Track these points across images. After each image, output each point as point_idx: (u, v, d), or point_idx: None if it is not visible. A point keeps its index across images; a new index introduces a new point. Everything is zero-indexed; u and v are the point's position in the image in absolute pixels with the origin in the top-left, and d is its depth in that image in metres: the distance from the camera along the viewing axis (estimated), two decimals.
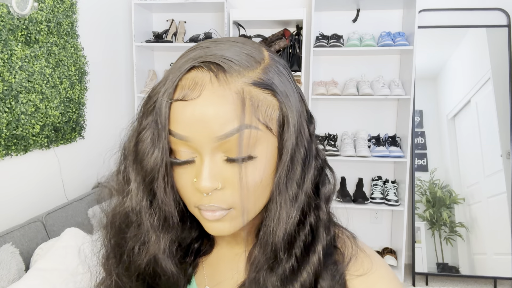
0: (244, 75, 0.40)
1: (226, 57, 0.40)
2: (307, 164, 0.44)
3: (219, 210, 0.41)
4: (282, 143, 0.42)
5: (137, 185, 0.43)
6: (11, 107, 1.68)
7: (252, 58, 0.42)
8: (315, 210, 0.45)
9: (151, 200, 0.43)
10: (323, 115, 2.85)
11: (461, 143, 2.64)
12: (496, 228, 2.54)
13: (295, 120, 0.42)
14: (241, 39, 0.45)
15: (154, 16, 2.96)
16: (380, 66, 2.75)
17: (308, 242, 0.44)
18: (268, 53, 0.45)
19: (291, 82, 0.45)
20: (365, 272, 0.45)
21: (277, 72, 0.43)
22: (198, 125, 0.39)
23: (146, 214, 0.43)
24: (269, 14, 2.59)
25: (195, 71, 0.40)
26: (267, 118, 0.41)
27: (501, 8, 2.60)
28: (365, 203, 2.65)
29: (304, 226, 0.44)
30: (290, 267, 0.43)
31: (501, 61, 2.59)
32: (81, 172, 2.25)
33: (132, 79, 2.79)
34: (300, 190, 0.43)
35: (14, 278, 1.31)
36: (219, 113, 0.38)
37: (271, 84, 0.41)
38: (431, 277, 2.65)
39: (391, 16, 2.71)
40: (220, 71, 0.40)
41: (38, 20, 1.84)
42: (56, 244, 1.46)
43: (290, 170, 0.42)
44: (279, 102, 0.42)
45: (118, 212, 0.46)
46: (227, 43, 0.43)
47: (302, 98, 0.47)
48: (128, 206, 0.44)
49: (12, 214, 1.73)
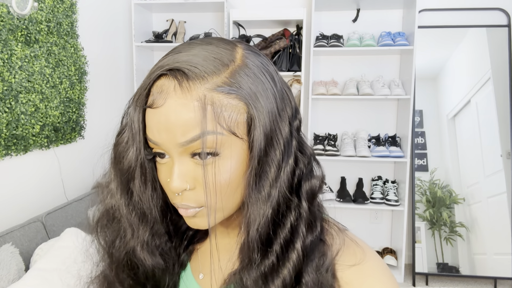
0: (207, 81, 0.41)
1: (192, 63, 0.41)
2: (282, 163, 0.44)
3: (190, 208, 0.44)
4: (251, 144, 0.43)
5: (116, 184, 0.47)
6: (11, 107, 1.68)
7: (220, 61, 0.42)
8: (296, 208, 0.45)
9: (129, 197, 0.47)
10: (323, 115, 2.85)
11: (461, 143, 2.64)
12: (496, 228, 2.54)
13: (265, 122, 0.43)
14: (216, 41, 0.46)
15: (154, 16, 2.96)
16: (380, 66, 2.75)
17: (288, 240, 0.44)
18: (243, 53, 0.45)
19: (265, 82, 0.44)
20: (357, 263, 0.46)
21: (247, 73, 0.43)
22: (163, 132, 0.42)
23: (124, 210, 0.47)
24: (269, 14, 2.59)
25: (164, 78, 0.43)
26: (231, 123, 0.42)
27: (501, 8, 2.60)
28: (365, 203, 2.65)
29: (284, 224, 0.44)
30: (270, 263, 0.44)
31: (501, 61, 2.59)
32: (81, 172, 2.24)
33: (132, 79, 2.79)
34: (274, 189, 0.43)
35: (14, 278, 1.31)
36: (180, 121, 0.41)
37: (236, 88, 0.42)
38: (431, 277, 2.65)
39: (391, 16, 2.71)
40: (184, 79, 0.41)
41: (38, 20, 1.84)
42: (56, 244, 1.46)
43: (261, 171, 0.43)
44: (246, 104, 0.42)
45: (102, 209, 0.50)
46: (197, 47, 0.44)
47: (284, 96, 0.47)
48: (109, 203, 0.48)
49: (12, 214, 1.73)
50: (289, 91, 0.48)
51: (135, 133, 0.44)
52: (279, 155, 0.44)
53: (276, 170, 0.43)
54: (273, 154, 0.43)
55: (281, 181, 0.44)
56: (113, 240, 0.49)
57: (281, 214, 0.45)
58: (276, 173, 0.44)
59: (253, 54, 0.46)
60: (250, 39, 2.63)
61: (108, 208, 0.49)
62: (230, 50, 0.44)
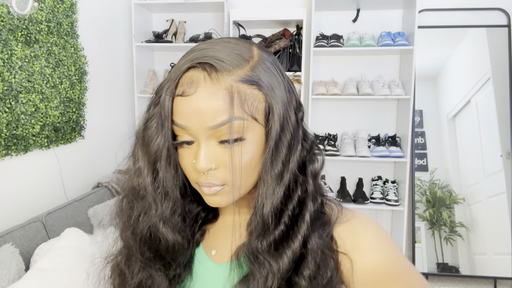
0: (233, 73, 0.47)
1: (218, 57, 0.47)
2: (292, 147, 0.51)
3: (214, 186, 0.50)
4: (268, 129, 0.49)
5: (144, 164, 0.52)
6: (11, 107, 1.68)
7: (242, 57, 0.49)
8: (302, 185, 0.52)
9: (154, 176, 0.52)
10: (323, 115, 2.85)
11: (461, 143, 2.64)
12: (496, 228, 2.54)
13: (280, 110, 0.49)
14: (234, 40, 0.52)
15: (154, 16, 2.96)
16: (380, 66, 2.75)
17: (297, 212, 0.51)
18: (258, 51, 0.51)
19: (278, 76, 0.51)
20: (348, 220, 0.54)
21: (264, 68, 0.50)
22: (194, 117, 0.47)
23: (149, 187, 0.52)
24: (269, 14, 2.59)
25: (192, 70, 0.48)
26: (253, 110, 0.48)
27: (501, 8, 2.60)
28: (365, 203, 2.65)
29: (292, 199, 0.51)
30: (280, 233, 0.50)
31: (501, 61, 2.59)
32: (81, 172, 2.24)
33: (132, 79, 2.79)
34: (285, 169, 0.50)
35: (14, 278, 1.31)
36: (211, 107, 0.46)
37: (257, 80, 0.48)
38: (431, 277, 2.65)
39: (391, 16, 2.71)
40: (212, 71, 0.47)
41: (38, 20, 1.84)
42: (56, 244, 1.46)
43: (275, 152, 0.49)
44: (265, 95, 0.49)
45: (128, 186, 0.55)
46: (221, 44, 0.50)
47: (290, 88, 0.54)
48: (136, 181, 0.53)
49: (12, 214, 1.73)
50: (293, 86, 0.55)
51: (164, 118, 0.49)
52: (290, 139, 0.51)
53: (287, 152, 0.50)
54: (284, 139, 0.50)
55: (292, 162, 0.51)
56: (137, 215, 0.54)
57: (291, 189, 0.51)
58: (288, 155, 0.50)
59: (265, 52, 0.53)
60: (250, 39, 2.63)
61: (135, 186, 0.54)
62: (248, 48, 0.51)
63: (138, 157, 0.53)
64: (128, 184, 0.55)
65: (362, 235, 0.52)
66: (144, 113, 0.54)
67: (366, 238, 0.52)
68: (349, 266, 0.51)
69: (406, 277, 0.46)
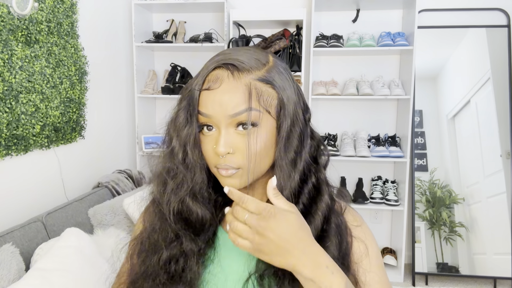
0: (252, 72, 0.57)
1: (240, 60, 0.57)
2: (302, 140, 0.60)
3: (231, 169, 0.57)
4: (280, 123, 0.58)
5: (177, 146, 0.60)
6: (12, 107, 1.68)
7: (259, 61, 0.58)
8: (316, 173, 0.63)
9: (184, 158, 0.60)
10: (323, 115, 2.85)
11: (461, 143, 2.65)
12: (496, 228, 2.54)
13: (290, 107, 0.58)
14: (253, 48, 0.62)
15: (154, 16, 2.96)
16: (380, 66, 2.75)
17: (314, 195, 0.62)
18: (273, 58, 0.61)
19: (289, 79, 0.61)
20: (359, 224, 0.67)
21: (278, 72, 0.59)
22: (217, 107, 0.56)
23: (181, 166, 0.60)
24: (269, 14, 2.60)
25: (218, 70, 0.57)
26: (267, 105, 0.57)
27: (501, 8, 2.61)
28: (365, 203, 2.65)
29: (307, 184, 0.61)
30: (300, 211, 0.57)
31: (501, 61, 2.59)
32: (81, 172, 2.25)
33: (132, 79, 2.79)
34: (298, 157, 0.59)
35: (14, 278, 1.31)
36: (232, 99, 0.55)
37: (271, 80, 0.58)
38: (431, 277, 2.66)
39: (391, 16, 2.71)
40: (235, 70, 0.56)
41: (38, 20, 1.84)
42: (56, 244, 1.46)
43: (287, 141, 0.58)
44: (278, 93, 0.58)
45: (161, 168, 0.63)
46: (242, 50, 0.60)
47: (299, 92, 0.62)
48: (169, 162, 0.61)
49: (12, 214, 1.73)
50: (301, 91, 0.64)
51: (193, 109, 0.58)
52: (300, 133, 0.59)
53: (298, 144, 0.59)
54: (295, 132, 0.59)
55: (304, 153, 0.60)
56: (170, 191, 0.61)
57: (306, 175, 0.61)
58: (299, 146, 0.59)
59: (279, 60, 0.62)
60: (250, 39, 2.63)
61: (168, 166, 0.61)
62: (265, 55, 0.60)
63: (171, 141, 0.61)
64: (162, 166, 0.63)
65: (369, 237, 0.67)
66: (175, 106, 0.62)
67: (371, 240, 0.66)
68: (363, 249, 0.64)
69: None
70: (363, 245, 0.64)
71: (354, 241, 0.64)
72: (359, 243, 0.64)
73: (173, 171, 0.61)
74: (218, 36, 2.73)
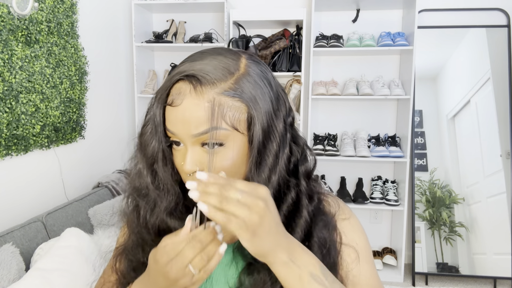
0: (217, 86, 0.51)
1: (205, 71, 0.52)
2: (279, 152, 0.55)
3: None
4: (251, 138, 0.53)
5: (143, 166, 0.58)
6: (12, 107, 1.68)
7: (227, 70, 0.53)
8: (295, 186, 0.58)
9: (154, 176, 0.58)
10: (323, 115, 2.85)
11: (461, 143, 2.65)
12: (496, 228, 2.54)
13: (262, 120, 0.53)
14: (224, 51, 0.56)
15: (154, 16, 2.96)
16: (380, 66, 2.75)
17: (294, 211, 0.58)
18: (246, 63, 0.55)
19: (263, 87, 0.55)
20: (347, 217, 0.65)
21: (249, 80, 0.53)
22: (180, 125, 0.52)
23: (150, 186, 0.58)
24: (269, 14, 2.60)
25: (181, 82, 0.53)
26: (235, 121, 0.52)
27: (501, 8, 2.61)
28: (365, 203, 2.65)
29: (286, 200, 0.57)
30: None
31: (501, 61, 2.59)
32: (81, 172, 2.25)
33: (132, 79, 2.79)
34: (273, 174, 0.55)
35: (14, 278, 1.31)
36: (194, 117, 0.51)
37: (239, 93, 0.52)
38: (431, 277, 2.66)
39: (391, 16, 2.71)
40: (198, 84, 0.51)
41: (39, 20, 1.84)
42: (57, 244, 1.46)
43: (260, 159, 0.54)
44: (247, 106, 0.53)
45: (131, 187, 0.61)
46: (209, 57, 0.54)
47: (279, 96, 0.58)
48: (138, 181, 0.59)
49: (12, 214, 1.74)
50: (284, 94, 0.59)
51: (157, 125, 0.55)
52: (276, 147, 0.55)
53: (274, 159, 0.54)
54: (270, 146, 0.54)
55: (279, 167, 0.55)
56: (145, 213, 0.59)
57: (282, 193, 0.57)
58: (274, 161, 0.55)
59: (254, 63, 0.56)
60: (250, 39, 2.63)
61: (137, 186, 0.59)
62: (236, 60, 0.55)
63: (137, 160, 0.59)
64: (131, 185, 0.61)
65: (358, 230, 0.65)
66: (142, 118, 0.59)
67: (359, 233, 0.65)
68: (354, 256, 0.61)
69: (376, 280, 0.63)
70: (354, 252, 0.61)
71: (344, 249, 0.61)
72: (350, 250, 0.62)
73: (144, 190, 0.59)
74: (218, 36, 2.73)
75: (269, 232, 0.48)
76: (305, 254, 0.52)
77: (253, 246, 0.47)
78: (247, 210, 0.45)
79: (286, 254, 0.50)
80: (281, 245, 0.49)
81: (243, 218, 0.45)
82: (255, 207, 0.46)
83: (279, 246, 0.49)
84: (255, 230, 0.46)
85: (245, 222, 0.45)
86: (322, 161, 2.78)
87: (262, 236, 0.47)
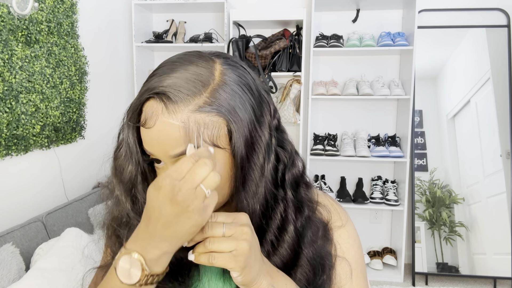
0: (190, 102, 0.47)
1: (176, 87, 0.47)
2: (265, 165, 0.51)
3: None
4: (233, 152, 0.49)
5: (121, 193, 0.54)
6: (12, 107, 1.68)
7: (201, 82, 0.48)
8: (283, 200, 0.55)
9: (134, 202, 0.54)
10: (323, 115, 2.85)
11: (461, 143, 2.65)
12: (496, 228, 2.54)
13: (244, 131, 0.49)
14: (196, 59, 0.50)
15: (154, 16, 2.96)
16: (379, 66, 2.75)
17: (280, 227, 0.54)
18: (221, 70, 0.50)
19: (242, 94, 0.50)
20: (343, 224, 0.62)
21: (225, 90, 0.49)
22: (157, 146, 0.48)
23: (131, 213, 0.54)
24: (269, 14, 2.60)
25: (152, 100, 0.48)
26: (213, 137, 0.48)
27: (501, 8, 2.61)
28: (365, 203, 2.65)
29: (275, 217, 0.54)
30: (265, 251, 0.53)
31: (501, 61, 2.59)
32: (81, 172, 2.25)
33: (132, 79, 2.79)
34: (259, 187, 0.51)
35: (14, 278, 1.31)
36: (169, 139, 0.47)
37: (216, 106, 0.48)
38: (431, 277, 2.66)
39: (391, 16, 2.71)
40: (169, 102, 0.47)
41: (39, 20, 1.84)
42: (57, 244, 1.47)
43: (245, 173, 0.50)
44: (225, 120, 0.48)
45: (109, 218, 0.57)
46: (179, 68, 0.49)
47: (263, 99, 0.53)
48: (116, 210, 0.55)
49: (12, 214, 1.74)
50: (266, 94, 0.55)
51: (132, 146, 0.52)
52: (262, 159, 0.51)
53: (259, 172, 0.51)
54: (255, 158, 0.50)
55: (266, 180, 0.52)
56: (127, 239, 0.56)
57: (270, 208, 0.53)
58: (260, 174, 0.51)
59: (231, 68, 0.51)
60: (250, 39, 2.63)
61: (116, 215, 0.56)
62: (209, 68, 0.50)
63: (113, 187, 0.55)
64: (109, 216, 0.57)
65: (353, 237, 0.62)
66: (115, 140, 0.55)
67: (353, 242, 0.62)
68: (348, 269, 0.59)
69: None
70: (348, 266, 0.59)
71: (338, 262, 0.59)
72: (344, 263, 0.59)
73: (125, 218, 0.55)
74: (218, 36, 2.73)
75: (256, 259, 0.48)
76: (282, 277, 0.52)
77: (245, 276, 0.47)
78: (233, 241, 0.45)
79: (269, 278, 0.50)
80: (263, 271, 0.50)
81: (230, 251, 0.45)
82: (243, 235, 0.46)
83: (262, 272, 0.49)
84: (246, 260, 0.45)
85: (233, 254, 0.45)
86: (322, 161, 2.78)
87: (251, 264, 0.47)
